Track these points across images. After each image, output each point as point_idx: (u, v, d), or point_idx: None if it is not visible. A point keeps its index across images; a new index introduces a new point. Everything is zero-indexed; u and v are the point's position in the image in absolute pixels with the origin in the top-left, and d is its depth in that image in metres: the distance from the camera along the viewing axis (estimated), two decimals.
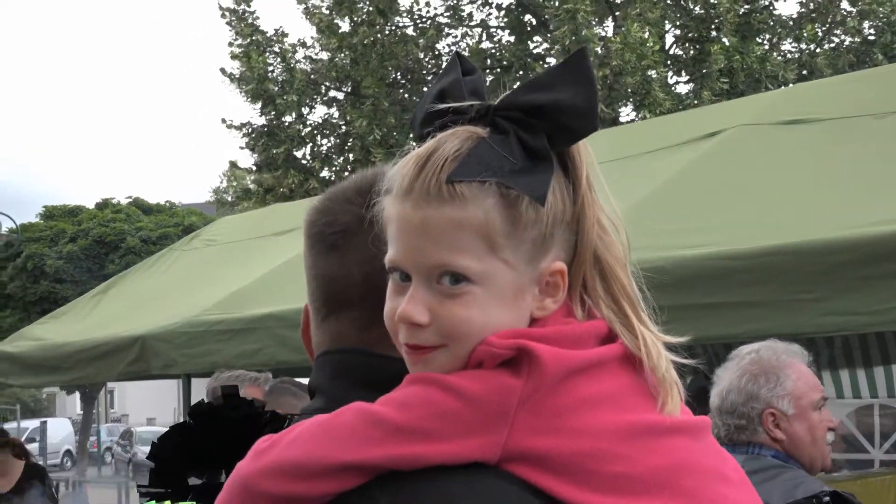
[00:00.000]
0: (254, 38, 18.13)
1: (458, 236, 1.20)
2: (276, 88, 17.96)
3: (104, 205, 33.63)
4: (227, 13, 18.35)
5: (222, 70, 18.30)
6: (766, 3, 18.20)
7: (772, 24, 18.12)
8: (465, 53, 18.56)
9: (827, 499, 2.97)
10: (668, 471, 1.19)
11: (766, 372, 3.15)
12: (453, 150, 1.20)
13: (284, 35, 18.56)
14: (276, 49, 18.33)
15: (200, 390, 5.35)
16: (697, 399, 5.83)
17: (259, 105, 18.23)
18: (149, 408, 50.09)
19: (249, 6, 18.43)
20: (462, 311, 1.21)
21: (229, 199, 27.46)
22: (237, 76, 18.05)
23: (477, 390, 1.18)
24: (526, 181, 1.20)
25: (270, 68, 18.21)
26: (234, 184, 28.34)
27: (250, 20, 18.34)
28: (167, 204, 36.42)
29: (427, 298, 1.22)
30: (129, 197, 34.81)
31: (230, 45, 18.28)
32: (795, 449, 3.12)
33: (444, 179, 1.20)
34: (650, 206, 4.71)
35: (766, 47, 17.81)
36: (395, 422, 1.18)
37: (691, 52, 18.40)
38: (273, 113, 18.25)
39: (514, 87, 1.26)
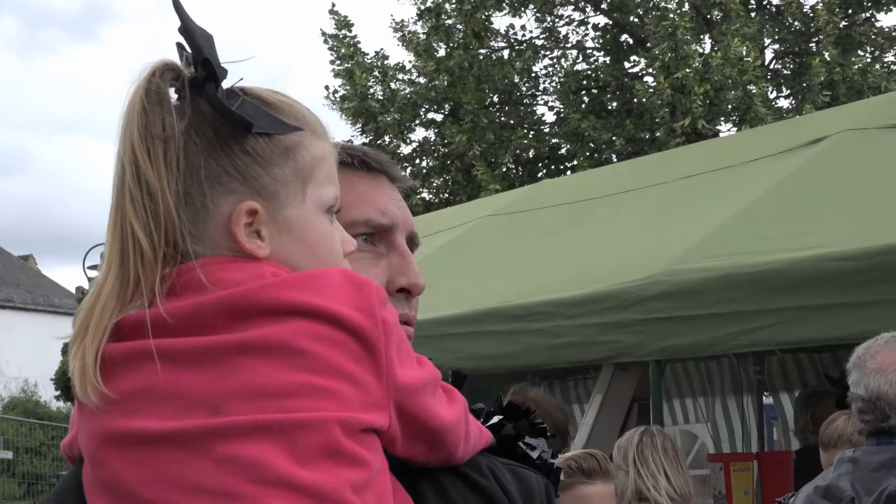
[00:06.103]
0: (355, 59, 18.51)
1: None
2: (377, 106, 18.20)
3: None
4: (329, 39, 18.82)
5: (326, 87, 18.76)
6: (868, 14, 17.93)
7: (873, 36, 17.83)
8: (561, 75, 18.58)
9: None
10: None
11: None
12: None
13: (385, 57, 18.87)
14: (376, 73, 18.63)
15: None
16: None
17: (359, 124, 18.45)
18: None
19: (350, 31, 18.84)
20: None
21: None
22: (340, 95, 18.39)
23: None
24: None
25: (371, 90, 18.50)
26: None
27: (351, 44, 18.75)
28: None
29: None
30: None
31: (331, 63, 18.68)
32: None
33: None
34: (758, 211, 4.74)
35: (868, 59, 17.53)
36: None
37: (791, 66, 18.17)
38: (373, 134, 18.45)
39: (610, 107, 1.24)
